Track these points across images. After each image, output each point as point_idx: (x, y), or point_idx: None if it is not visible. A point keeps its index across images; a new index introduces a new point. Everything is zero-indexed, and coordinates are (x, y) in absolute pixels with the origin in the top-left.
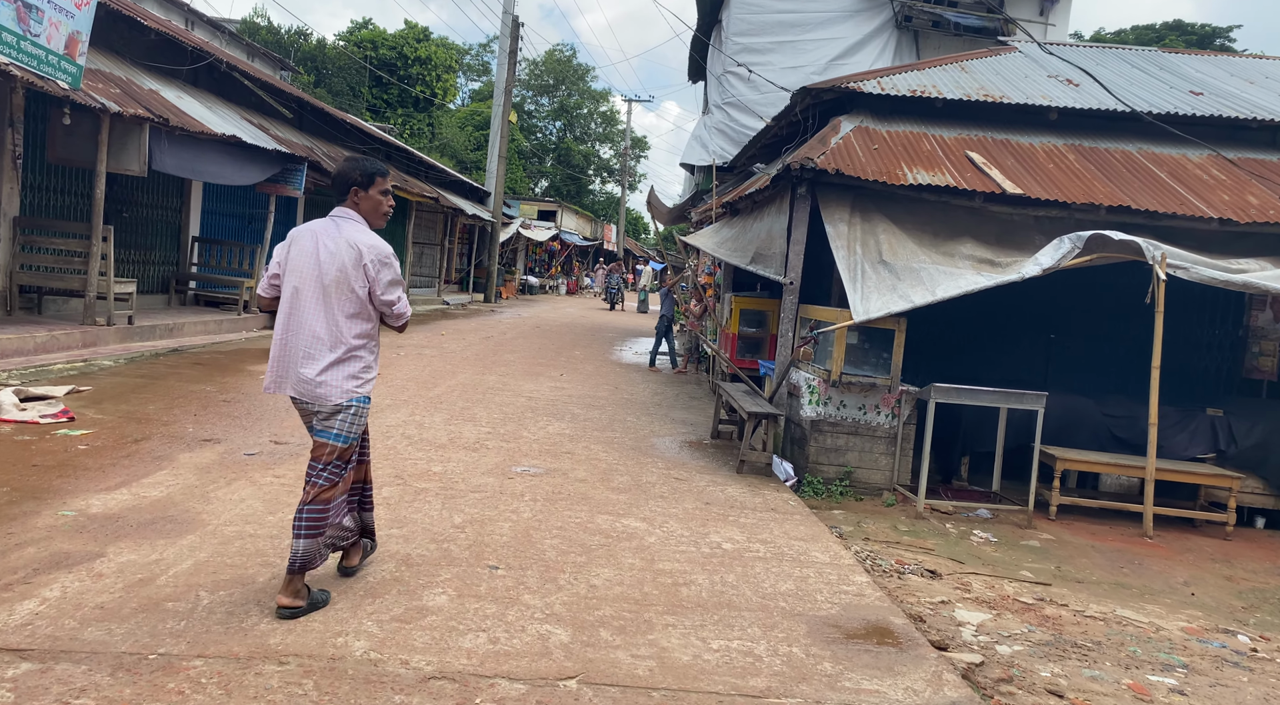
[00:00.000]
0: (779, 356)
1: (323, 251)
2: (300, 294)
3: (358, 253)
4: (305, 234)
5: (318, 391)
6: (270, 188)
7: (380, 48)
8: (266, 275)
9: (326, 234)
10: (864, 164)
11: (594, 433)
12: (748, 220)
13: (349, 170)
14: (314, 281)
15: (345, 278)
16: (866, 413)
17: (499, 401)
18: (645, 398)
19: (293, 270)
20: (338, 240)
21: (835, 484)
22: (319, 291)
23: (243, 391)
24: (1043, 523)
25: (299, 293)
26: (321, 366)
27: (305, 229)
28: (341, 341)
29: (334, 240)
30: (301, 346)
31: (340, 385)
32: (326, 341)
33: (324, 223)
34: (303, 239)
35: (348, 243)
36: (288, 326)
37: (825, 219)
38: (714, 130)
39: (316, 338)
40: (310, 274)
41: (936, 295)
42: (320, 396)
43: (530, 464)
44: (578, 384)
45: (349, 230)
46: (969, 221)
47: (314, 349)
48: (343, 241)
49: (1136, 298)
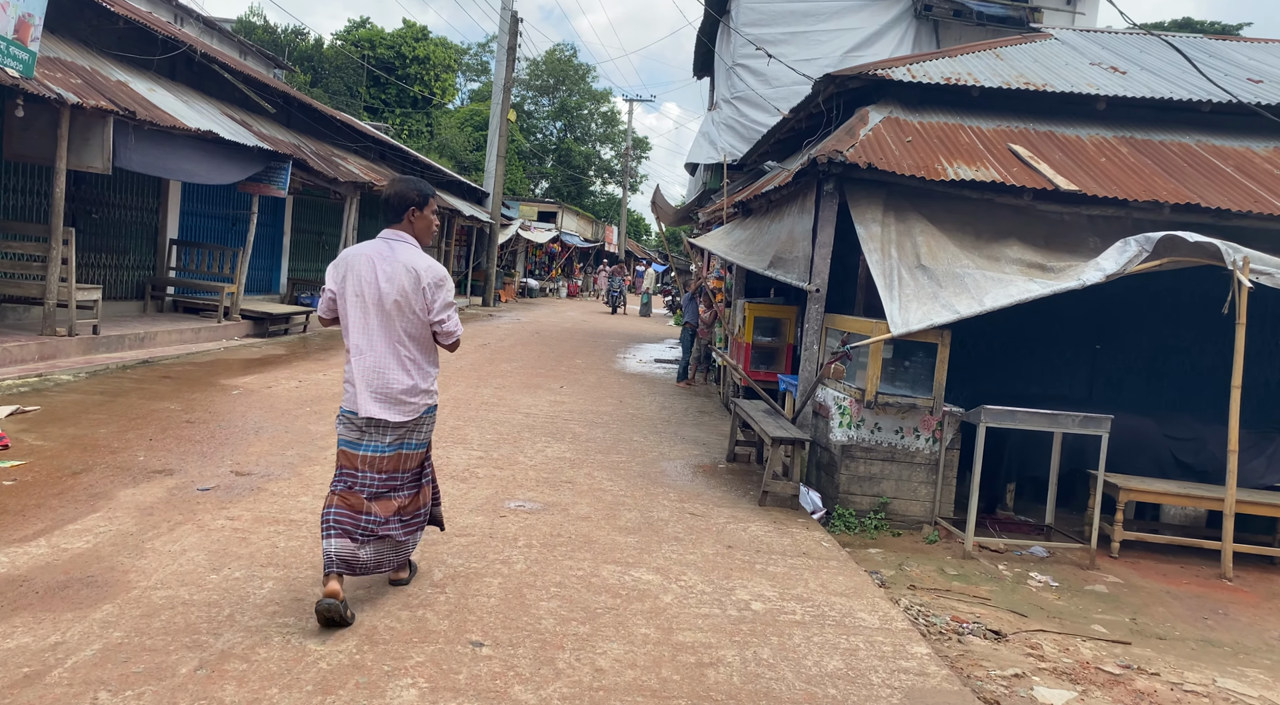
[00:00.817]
0: (803, 372)
1: (381, 276)
2: (366, 317)
3: (416, 276)
4: (360, 258)
5: (400, 409)
6: (253, 187)
7: (378, 47)
8: (323, 297)
9: (382, 257)
10: (898, 158)
11: (597, 456)
12: (764, 221)
13: (408, 191)
14: (376, 305)
15: (407, 300)
16: (904, 437)
17: (493, 419)
18: (652, 413)
19: (354, 293)
20: (395, 264)
21: (869, 517)
22: (382, 315)
23: (211, 410)
24: (1104, 561)
25: (365, 316)
26: (400, 386)
27: (358, 252)
28: (412, 360)
29: (391, 264)
30: (377, 368)
31: (416, 401)
32: (398, 362)
33: (377, 245)
34: (359, 263)
35: (405, 266)
36: (360, 349)
37: (855, 219)
38: (722, 126)
39: (389, 359)
40: (372, 298)
41: (985, 305)
42: (412, 409)
43: (526, 497)
44: (579, 397)
45: (404, 253)
46: (1015, 221)
47: (388, 370)
48: (399, 265)
49: (1196, 305)
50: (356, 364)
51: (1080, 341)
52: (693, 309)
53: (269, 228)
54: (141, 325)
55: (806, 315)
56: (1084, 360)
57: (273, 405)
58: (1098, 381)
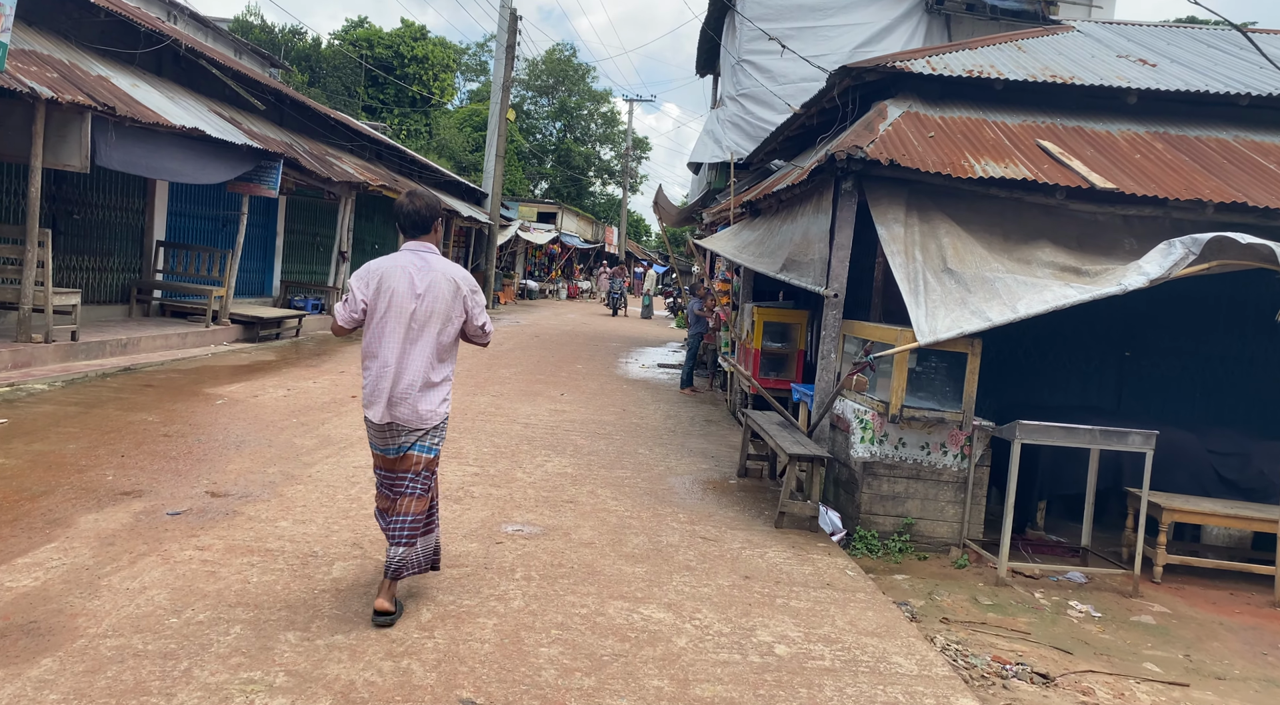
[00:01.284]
0: (819, 381)
1: (419, 286)
2: (399, 327)
3: (455, 285)
4: (394, 269)
5: (422, 415)
6: (243, 187)
7: (376, 46)
8: (347, 307)
9: (417, 269)
10: (922, 154)
11: (600, 471)
12: (774, 221)
13: (434, 204)
14: (410, 314)
15: (446, 308)
16: (930, 453)
17: (490, 431)
18: (657, 422)
19: (387, 304)
20: (432, 274)
21: (893, 539)
22: (418, 325)
23: (191, 421)
24: (1146, 587)
25: (399, 325)
26: (427, 393)
27: (392, 264)
28: (438, 369)
29: (427, 274)
30: (407, 376)
31: (438, 408)
32: (427, 370)
33: (409, 257)
34: (393, 275)
35: (443, 275)
36: (390, 358)
37: (876, 219)
38: (727, 124)
39: (420, 367)
40: (407, 307)
41: (1019, 312)
42: (424, 419)
43: (525, 520)
44: (580, 405)
45: (438, 263)
46: (1045, 222)
47: (418, 378)
48: (438, 275)
49: (1233, 308)
50: (381, 372)
51: (1108, 347)
52: (702, 320)
53: (261, 229)
54: (125, 330)
55: (823, 322)
56: (1112, 367)
57: (258, 416)
58: (1127, 390)
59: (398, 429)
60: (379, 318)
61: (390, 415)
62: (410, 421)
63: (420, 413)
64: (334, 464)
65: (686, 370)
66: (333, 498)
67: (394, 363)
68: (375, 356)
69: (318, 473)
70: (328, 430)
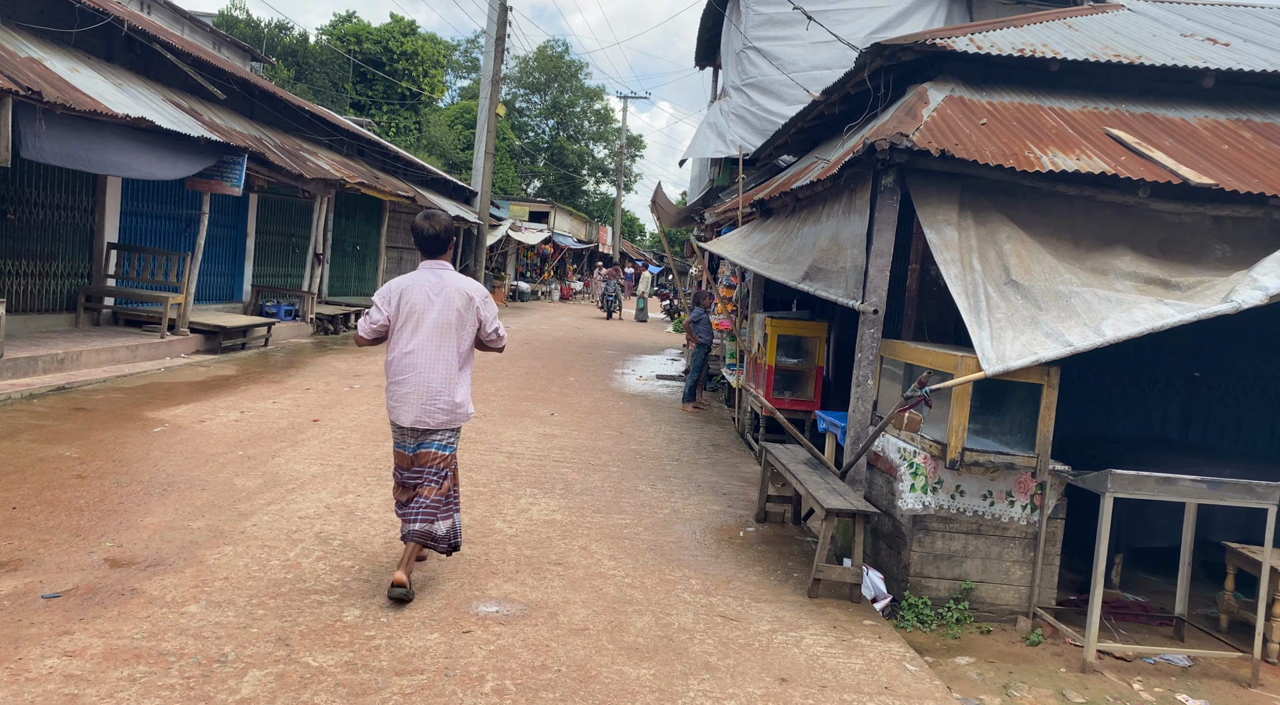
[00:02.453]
0: (853, 413)
1: (439, 300)
2: (421, 337)
3: (468, 297)
4: (414, 287)
5: (445, 418)
6: (203, 184)
7: (364, 42)
8: (369, 321)
9: (433, 286)
10: (977, 144)
11: (595, 517)
12: (792, 223)
13: (450, 226)
14: (432, 326)
15: (462, 319)
16: (995, 504)
17: (469, 463)
18: (659, 448)
19: (410, 318)
20: (447, 289)
21: (949, 607)
22: (439, 334)
23: (116, 456)
24: (1267, 672)
25: (419, 337)
26: (450, 397)
27: (410, 282)
28: (458, 376)
29: (445, 291)
30: (434, 383)
31: (462, 410)
32: (447, 376)
33: (426, 275)
34: (413, 291)
35: (457, 290)
36: (412, 367)
37: (924, 221)
38: (731, 116)
39: (444, 374)
40: (429, 320)
41: (1105, 335)
42: (447, 422)
43: (501, 593)
44: (572, 427)
45: (451, 278)
46: (1121, 225)
47: (442, 384)
48: (452, 289)
49: None
50: (406, 381)
51: (1174, 368)
52: (707, 327)
53: (230, 229)
54: (65, 343)
55: (859, 342)
56: (1178, 391)
57: (198, 448)
58: (1195, 418)
59: (421, 432)
60: (400, 331)
61: (415, 420)
62: (432, 425)
63: (441, 417)
64: (277, 513)
65: (690, 385)
66: (265, 565)
67: (416, 372)
68: (399, 367)
69: (254, 526)
70: (277, 466)
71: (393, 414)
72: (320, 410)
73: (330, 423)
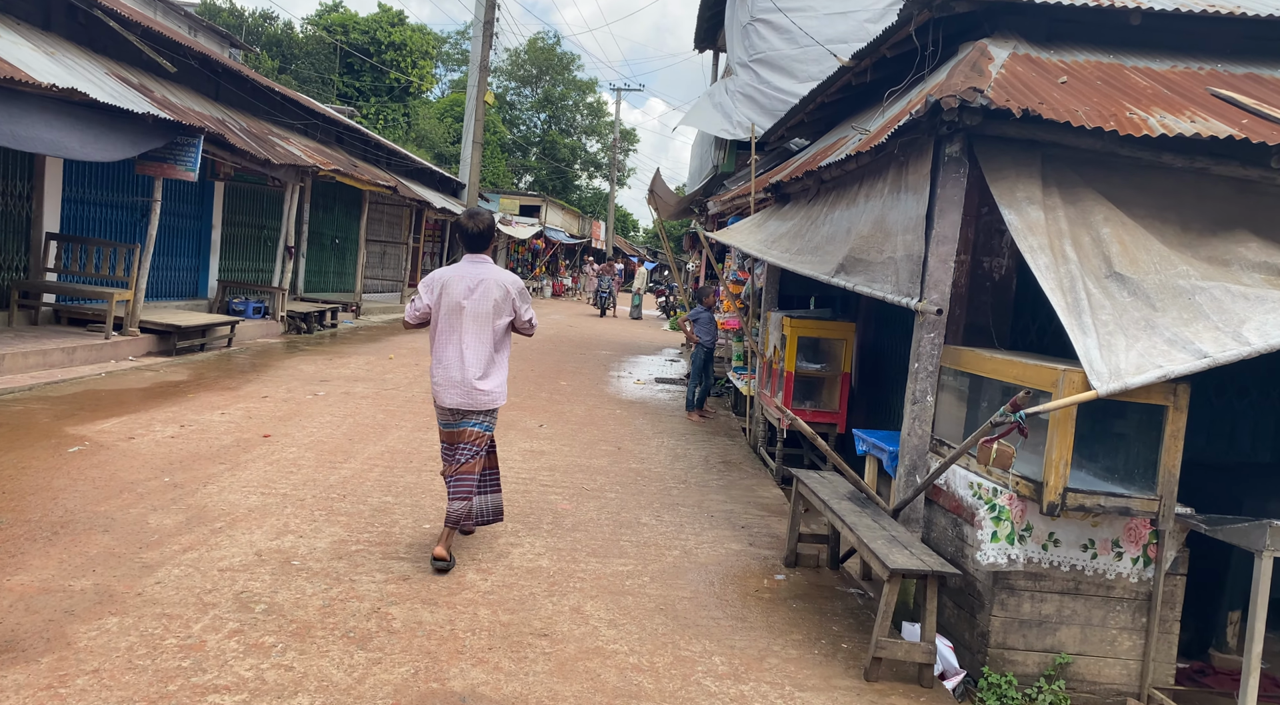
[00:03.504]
0: (908, 436)
1: (478, 291)
2: (461, 324)
3: (505, 289)
4: (455, 278)
5: (484, 399)
6: (153, 168)
7: (351, 32)
8: (414, 308)
9: (474, 277)
10: (1064, 104)
11: (589, 561)
12: (818, 208)
13: (492, 224)
14: (471, 315)
15: (499, 309)
16: (1097, 556)
17: (442, 491)
18: (661, 467)
19: (452, 307)
20: (487, 281)
21: (1039, 687)
22: (477, 323)
23: (12, 487)
24: None
25: (459, 323)
26: (488, 380)
27: (452, 273)
28: (496, 359)
29: (482, 281)
30: (472, 367)
31: (498, 392)
32: (487, 361)
33: (467, 267)
34: (454, 282)
35: (495, 282)
36: (454, 352)
37: (1000, 198)
38: (738, 95)
39: (482, 359)
40: (469, 310)
41: (1250, 343)
42: (485, 403)
43: (467, 684)
44: (564, 442)
45: (490, 271)
46: (1239, 204)
47: (481, 368)
48: (491, 282)
49: None
50: (448, 364)
51: (1268, 378)
52: (709, 327)
53: (193, 220)
54: None
55: (916, 348)
56: (1272, 406)
57: (116, 474)
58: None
59: (461, 412)
60: (442, 319)
61: (457, 400)
62: (472, 405)
63: (480, 397)
64: (191, 564)
65: (692, 392)
66: (157, 647)
67: (458, 356)
68: (442, 351)
69: (157, 585)
70: (208, 496)
71: (436, 395)
72: (274, 423)
73: (283, 439)
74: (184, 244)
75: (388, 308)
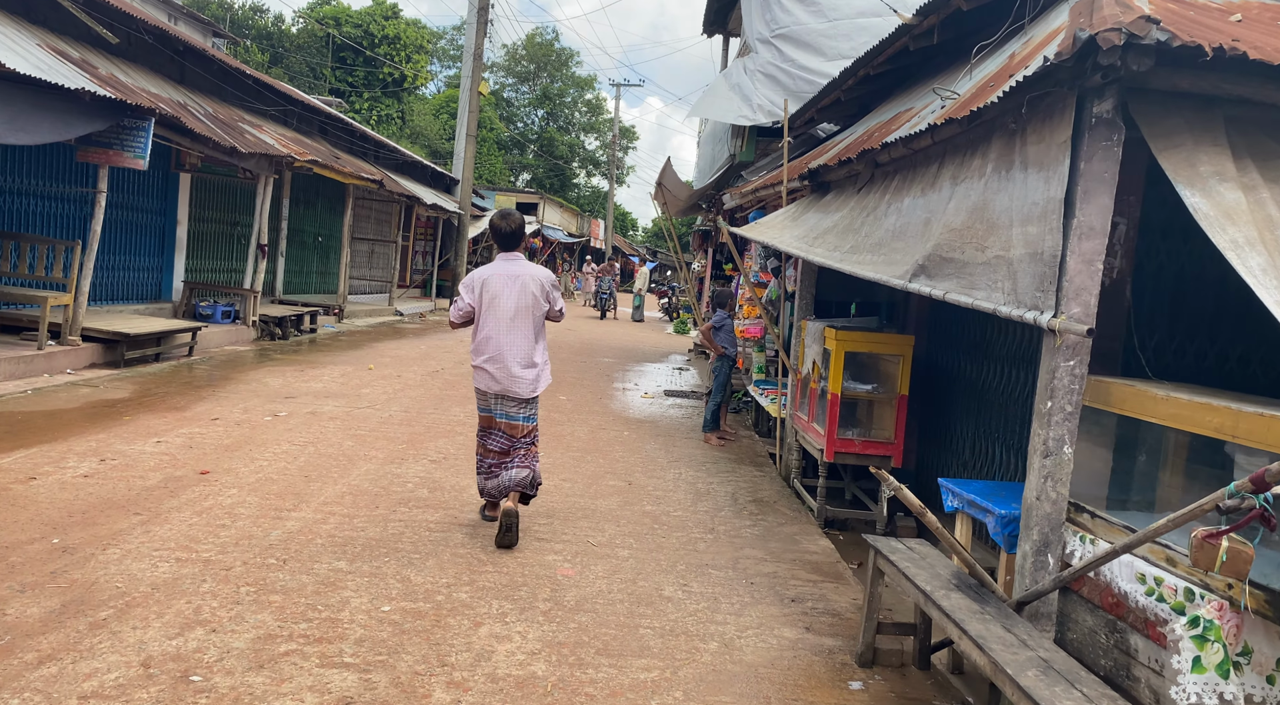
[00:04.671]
0: (1035, 497)
1: (516, 286)
2: (502, 318)
3: (539, 283)
4: (494, 276)
5: (526, 386)
6: (98, 155)
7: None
8: (457, 307)
9: (510, 274)
10: (1267, 41)
11: (599, 664)
12: (874, 197)
13: (523, 224)
14: (511, 310)
15: (536, 302)
16: None
17: (408, 546)
18: (682, 510)
19: (494, 303)
20: (522, 276)
21: None
22: (515, 317)
23: None
24: None
25: (500, 317)
26: (530, 368)
27: (490, 272)
28: (536, 349)
29: (518, 277)
30: (515, 357)
31: (541, 380)
32: (528, 350)
33: (504, 265)
34: (493, 280)
35: (530, 276)
36: (500, 343)
37: (1175, 174)
38: (758, 76)
39: (522, 348)
40: (508, 304)
41: None
42: (528, 390)
43: None
44: (565, 475)
45: (524, 267)
46: None
47: (523, 357)
48: (526, 277)
49: None
50: (492, 355)
51: None
52: (731, 335)
53: (155, 215)
54: None
55: (1047, 383)
56: None
57: None
58: None
59: (504, 399)
60: (484, 314)
61: (499, 386)
62: (514, 392)
63: (522, 384)
64: (41, 690)
65: (712, 411)
66: None
67: (501, 347)
68: (486, 344)
69: None
70: (102, 566)
71: (478, 382)
72: (218, 455)
73: (224, 476)
74: (145, 241)
75: (374, 310)
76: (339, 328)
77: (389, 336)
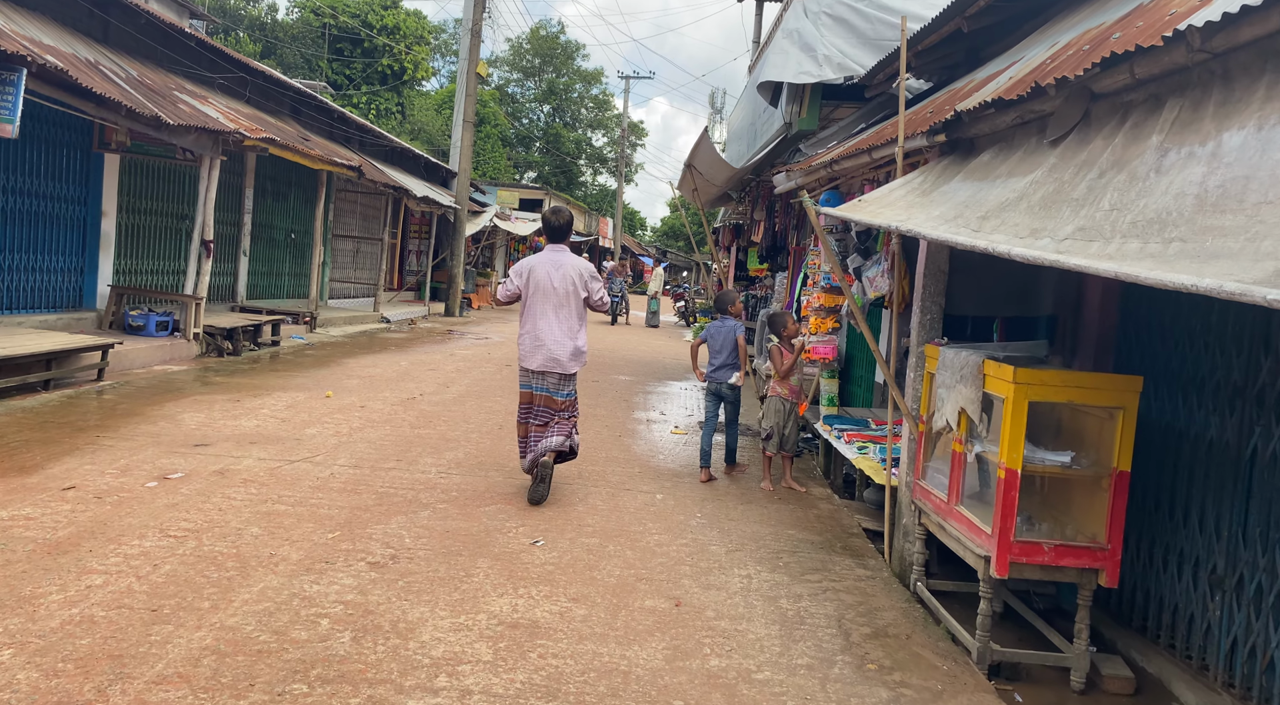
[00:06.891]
0: None
1: (557, 275)
2: (546, 304)
3: (580, 273)
4: (540, 265)
5: (567, 365)
6: None
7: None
8: (506, 290)
9: (555, 264)
10: None
11: None
12: (1104, 149)
13: (572, 219)
14: (553, 295)
15: (576, 290)
16: None
17: None
18: (771, 670)
19: (538, 288)
20: (565, 267)
21: None
22: (558, 303)
23: None
24: None
25: (544, 303)
26: (570, 349)
27: (537, 260)
28: (577, 332)
29: (561, 267)
30: (556, 338)
31: (579, 360)
32: (569, 333)
33: (550, 255)
34: (539, 268)
35: (573, 266)
36: (541, 327)
37: None
38: (824, 19)
39: (564, 331)
40: (553, 290)
41: None
42: (569, 366)
43: None
44: (575, 591)
45: (568, 259)
46: None
47: (564, 339)
48: (569, 267)
49: None
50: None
51: None
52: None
53: (71, 205)
54: None
55: None
56: None
57: None
58: None
59: (546, 375)
60: (529, 299)
61: (543, 365)
62: (556, 368)
63: (564, 363)
64: None
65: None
66: None
67: (544, 330)
68: (532, 326)
69: None
70: None
71: (523, 360)
72: (27, 563)
73: (14, 614)
74: (60, 237)
75: (356, 316)
76: (308, 339)
77: (366, 350)
